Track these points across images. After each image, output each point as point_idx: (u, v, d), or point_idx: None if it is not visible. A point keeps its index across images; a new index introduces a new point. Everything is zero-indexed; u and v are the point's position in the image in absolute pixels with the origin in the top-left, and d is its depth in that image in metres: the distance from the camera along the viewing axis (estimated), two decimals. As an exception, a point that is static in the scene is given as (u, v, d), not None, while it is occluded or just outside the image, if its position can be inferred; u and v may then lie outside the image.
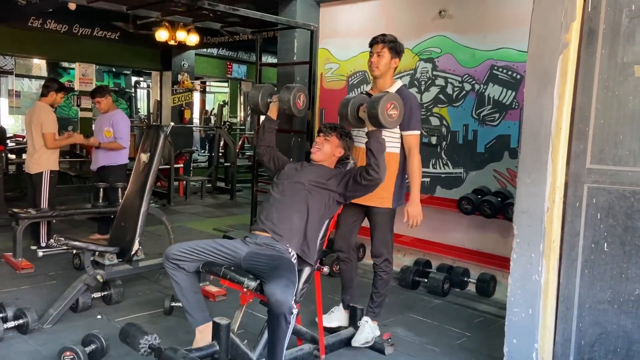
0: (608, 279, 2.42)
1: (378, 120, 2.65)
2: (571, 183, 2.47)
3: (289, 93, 2.99)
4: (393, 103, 2.67)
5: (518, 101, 4.05)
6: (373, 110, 2.64)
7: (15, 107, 11.21)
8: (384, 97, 2.65)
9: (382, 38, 3.07)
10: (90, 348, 2.78)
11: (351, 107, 2.79)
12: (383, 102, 2.63)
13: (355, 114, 2.78)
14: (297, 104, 3.01)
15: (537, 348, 2.53)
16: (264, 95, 3.13)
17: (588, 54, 2.41)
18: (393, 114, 2.67)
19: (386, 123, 2.66)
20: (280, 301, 2.30)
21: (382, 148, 2.72)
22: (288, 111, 3.01)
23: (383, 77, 3.09)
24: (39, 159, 4.92)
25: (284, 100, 2.99)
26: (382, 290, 3.19)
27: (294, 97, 2.98)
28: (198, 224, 6.70)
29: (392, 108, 2.66)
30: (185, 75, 10.45)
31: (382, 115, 2.63)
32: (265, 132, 3.12)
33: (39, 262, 4.34)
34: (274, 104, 3.09)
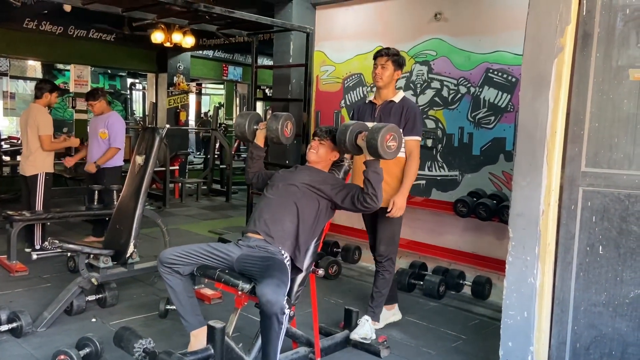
0: (603, 282, 2.42)
1: (377, 151, 2.63)
2: (566, 186, 2.47)
3: (277, 122, 2.97)
4: (393, 134, 2.65)
5: (513, 104, 4.06)
6: (372, 141, 2.63)
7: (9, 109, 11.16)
8: (384, 128, 2.63)
9: (386, 51, 3.31)
10: (85, 351, 2.77)
11: (350, 134, 2.77)
12: (383, 133, 2.61)
13: (354, 141, 2.77)
14: (285, 132, 2.99)
15: (532, 351, 2.53)
16: (251, 123, 3.10)
17: (583, 57, 2.42)
18: (392, 145, 2.66)
19: (385, 154, 2.65)
20: (271, 301, 2.29)
21: (380, 178, 2.72)
22: (276, 140, 3.00)
23: (387, 87, 3.31)
24: (34, 161, 4.90)
25: (272, 129, 2.98)
26: (383, 290, 3.29)
27: (281, 126, 2.96)
28: (193, 226, 6.68)
29: (391, 139, 2.65)
30: (180, 77, 10.43)
31: (382, 146, 2.62)
32: (254, 160, 3.12)
33: (33, 265, 4.32)
34: (260, 131, 3.08)
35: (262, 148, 3.12)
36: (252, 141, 3.12)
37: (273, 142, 3.04)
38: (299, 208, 2.76)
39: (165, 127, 3.86)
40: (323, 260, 4.58)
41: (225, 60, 11.86)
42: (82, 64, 9.16)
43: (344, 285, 4.46)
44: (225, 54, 11.61)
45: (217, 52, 11.37)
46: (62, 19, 8.36)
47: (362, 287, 4.42)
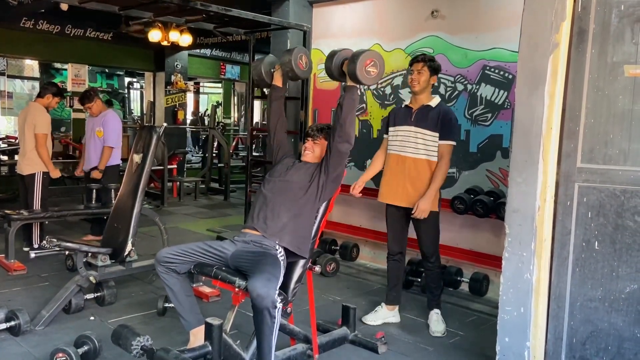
0: (599, 277, 2.43)
1: (356, 76, 2.62)
2: (562, 182, 2.48)
3: (289, 54, 2.95)
4: (373, 60, 2.64)
5: (510, 101, 4.07)
6: (352, 65, 2.62)
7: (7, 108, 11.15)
8: (365, 53, 2.63)
9: (422, 57, 3.42)
10: (83, 349, 2.77)
11: (336, 60, 2.78)
12: (362, 58, 2.61)
13: (339, 67, 2.77)
14: (300, 65, 2.95)
15: (529, 346, 2.54)
16: (267, 65, 3.10)
17: (578, 53, 2.43)
18: (372, 71, 2.65)
19: (363, 79, 2.64)
20: (261, 295, 2.30)
21: (353, 105, 2.72)
22: (291, 73, 2.96)
23: (422, 92, 3.41)
24: (31, 160, 4.89)
25: (285, 62, 2.95)
26: (438, 282, 3.56)
27: (295, 57, 2.93)
28: (192, 224, 6.68)
29: (371, 65, 2.64)
30: (178, 76, 10.42)
31: (360, 70, 2.61)
32: (273, 101, 3.08)
33: (31, 264, 4.32)
34: (277, 71, 3.05)
35: (281, 88, 3.09)
36: (271, 84, 3.10)
37: (289, 76, 3.01)
38: (296, 203, 2.76)
39: (162, 126, 3.86)
40: (321, 258, 4.59)
41: (222, 58, 11.85)
42: (79, 63, 9.14)
43: (342, 282, 4.47)
44: (222, 53, 11.60)
45: (215, 51, 11.36)
46: (59, 18, 8.34)
47: (360, 284, 4.43)
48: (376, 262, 4.96)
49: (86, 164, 5.38)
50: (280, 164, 3.00)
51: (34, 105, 4.98)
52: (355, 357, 3.05)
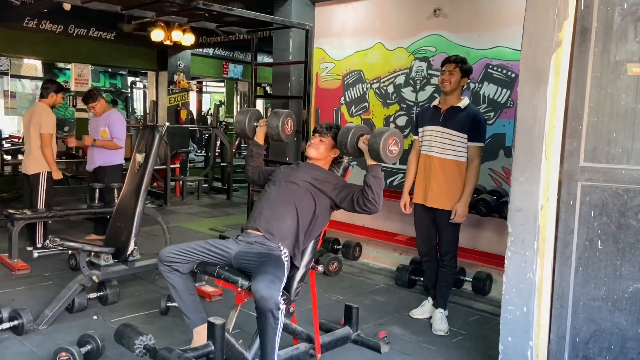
0: (602, 277, 2.42)
1: (379, 155, 2.62)
2: (565, 181, 2.47)
3: (277, 119, 2.94)
4: (395, 139, 2.64)
5: (513, 100, 4.06)
6: (375, 145, 2.62)
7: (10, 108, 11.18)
8: (387, 133, 2.62)
9: (454, 58, 3.43)
10: (86, 349, 2.78)
11: (351, 137, 2.75)
12: (385, 138, 2.60)
13: (355, 144, 2.76)
14: (285, 129, 2.98)
15: (531, 346, 2.54)
16: (251, 119, 3.08)
17: (581, 52, 2.42)
18: (394, 149, 2.65)
19: (386, 159, 2.64)
20: (265, 297, 2.30)
21: (380, 184, 2.71)
22: (276, 137, 2.98)
23: (452, 93, 3.42)
24: (36, 160, 4.91)
25: (273, 126, 2.95)
26: (450, 282, 3.55)
27: (282, 123, 2.95)
28: (194, 224, 6.69)
29: (393, 144, 2.63)
30: (181, 75, 10.43)
31: (384, 151, 2.61)
32: (254, 158, 3.10)
33: (34, 263, 4.34)
34: (260, 128, 3.06)
35: (262, 145, 3.11)
36: (252, 138, 3.11)
37: (273, 139, 3.02)
38: (299, 206, 2.76)
39: (165, 125, 3.86)
40: (324, 257, 4.59)
41: (225, 58, 11.85)
42: (82, 62, 9.16)
43: (345, 281, 4.47)
44: (225, 52, 11.60)
45: (217, 50, 11.36)
46: (62, 18, 8.36)
47: (362, 283, 4.43)
48: (379, 262, 4.95)
49: (89, 164, 5.40)
50: (280, 169, 3.02)
51: (39, 105, 4.99)
52: (357, 356, 3.05)
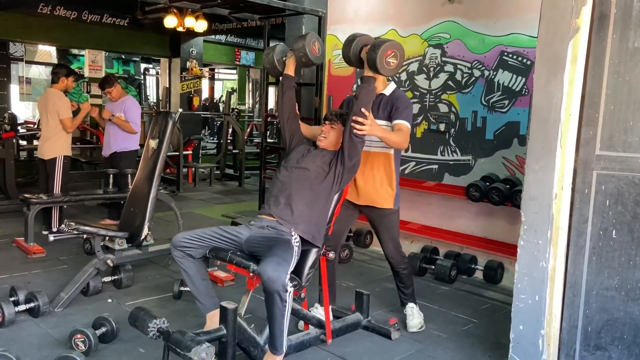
0: (616, 266, 2.41)
1: (375, 65, 2.59)
2: (580, 170, 2.45)
3: (303, 40, 2.91)
4: (394, 51, 2.61)
5: (528, 87, 4.01)
6: (372, 54, 2.58)
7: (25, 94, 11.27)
8: (387, 43, 2.59)
9: None
10: (101, 331, 2.83)
11: (354, 46, 2.74)
12: (384, 48, 2.57)
13: (358, 53, 2.73)
14: (313, 50, 2.92)
15: (543, 334, 2.53)
16: (279, 53, 3.06)
17: (599, 39, 2.38)
18: (392, 62, 2.61)
19: (382, 70, 2.61)
20: (272, 279, 2.32)
21: (370, 97, 2.68)
22: (305, 59, 2.91)
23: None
24: (52, 145, 4.98)
25: (299, 47, 2.91)
26: (409, 282, 3.32)
27: (308, 43, 2.90)
28: (207, 210, 6.74)
29: (391, 56, 2.60)
30: (193, 62, 10.43)
31: (381, 60, 2.58)
32: (285, 90, 3.02)
33: (50, 247, 4.40)
34: (289, 59, 3.01)
35: (293, 77, 3.03)
36: (282, 72, 3.06)
37: (302, 62, 2.95)
38: (310, 191, 2.77)
39: (178, 112, 3.88)
40: (335, 244, 4.60)
41: (237, 45, 11.83)
42: (96, 49, 9.20)
43: (355, 268, 4.48)
44: (237, 39, 11.58)
45: (230, 37, 11.34)
46: (76, 4, 8.39)
47: (373, 270, 4.44)
48: (390, 249, 4.95)
49: (105, 149, 5.45)
50: (295, 151, 2.99)
51: (51, 91, 5.04)
52: (368, 342, 3.06)
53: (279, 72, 3.09)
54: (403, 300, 3.34)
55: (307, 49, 2.89)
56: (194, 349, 2.21)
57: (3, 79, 10.66)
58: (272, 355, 2.49)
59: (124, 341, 2.92)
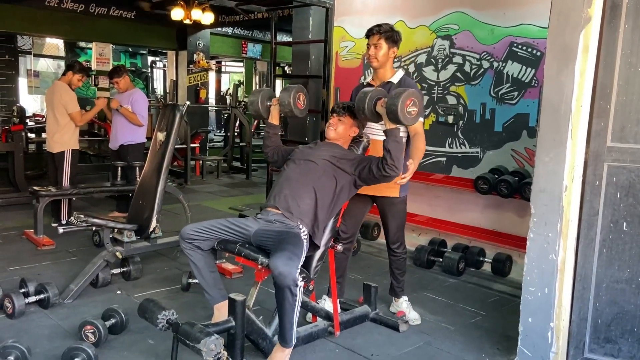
0: (627, 259, 2.39)
1: (397, 117, 2.58)
2: (591, 161, 2.43)
3: (288, 95, 2.92)
4: (413, 100, 2.59)
5: (538, 79, 3.97)
6: (392, 107, 2.57)
7: (34, 87, 11.33)
8: (405, 93, 2.58)
9: (377, 29, 3.05)
10: (110, 322, 2.85)
11: (369, 101, 2.71)
12: (404, 99, 2.56)
13: (373, 108, 2.71)
14: (298, 104, 2.94)
15: (552, 327, 2.52)
16: (264, 99, 3.06)
17: (611, 29, 2.35)
18: (412, 111, 2.60)
19: (405, 120, 2.60)
20: (283, 273, 2.32)
21: (400, 147, 2.68)
22: (290, 113, 2.95)
23: (383, 67, 3.08)
24: (60, 138, 5.00)
25: (284, 103, 2.93)
26: (404, 268, 3.32)
27: (293, 98, 2.91)
28: (214, 202, 6.75)
29: (411, 105, 2.59)
30: (200, 55, 10.42)
31: (402, 112, 2.56)
32: (271, 137, 3.09)
33: (59, 239, 4.43)
34: (274, 107, 3.03)
35: (277, 126, 3.09)
36: (267, 118, 3.09)
37: (287, 115, 2.99)
38: (317, 185, 2.76)
39: (185, 104, 3.88)
40: (342, 237, 4.60)
41: (244, 37, 11.80)
42: (103, 41, 9.21)
43: (363, 261, 4.48)
44: (244, 31, 11.55)
45: (237, 29, 11.31)
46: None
47: (380, 263, 4.44)
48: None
49: (113, 142, 5.47)
50: (299, 148, 3.01)
51: (58, 84, 5.06)
52: (376, 334, 3.07)
53: (263, 117, 3.12)
54: (397, 289, 3.32)
55: (292, 105, 2.91)
56: (203, 340, 2.22)
57: (11, 72, 10.73)
58: (281, 348, 2.50)
59: (133, 332, 2.94)
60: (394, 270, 3.32)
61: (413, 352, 2.91)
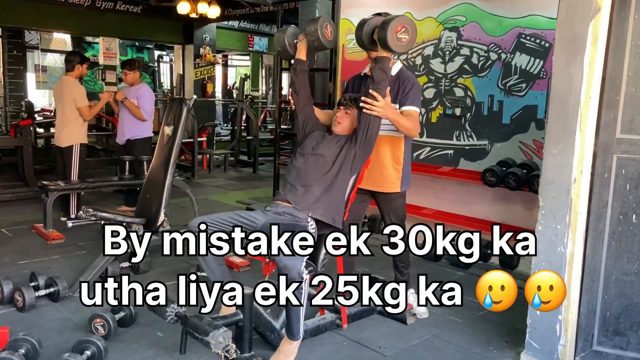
0: (636, 251, 2.38)
1: (387, 43, 2.52)
2: (600, 153, 2.41)
3: (315, 24, 2.85)
4: (405, 26, 2.54)
5: (546, 70, 3.94)
6: (382, 31, 2.52)
7: (42, 82, 11.38)
8: (396, 19, 2.53)
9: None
10: (120, 315, 2.88)
11: (366, 28, 2.68)
12: (393, 24, 2.51)
13: (370, 35, 2.67)
14: (326, 34, 2.87)
15: (560, 319, 2.52)
16: (290, 36, 3.00)
17: (620, 19, 2.32)
18: (403, 37, 2.54)
19: (395, 47, 2.54)
20: (288, 266, 2.32)
21: (384, 76, 2.64)
22: (317, 43, 2.86)
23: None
24: (69, 133, 5.03)
25: (311, 32, 2.85)
26: (407, 261, 3.28)
27: (321, 26, 2.84)
28: (221, 196, 6.77)
29: (402, 31, 2.53)
30: (207, 49, 10.42)
31: (391, 37, 2.51)
32: (298, 75, 2.98)
33: (68, 233, 4.47)
34: (301, 43, 2.95)
35: (304, 61, 2.99)
36: (294, 56, 3.02)
37: (315, 46, 2.90)
38: (326, 177, 2.76)
39: (192, 98, 3.88)
40: (350, 230, 4.60)
41: (250, 30, 11.78)
42: (110, 36, 9.23)
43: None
44: (250, 25, 11.53)
45: (243, 23, 11.29)
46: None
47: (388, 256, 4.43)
48: (405, 235, 4.94)
49: (120, 137, 5.49)
50: (309, 137, 2.97)
51: (67, 79, 5.07)
52: (384, 327, 3.07)
53: (290, 55, 3.04)
54: (400, 283, 3.23)
55: (319, 33, 2.83)
56: (212, 333, 2.24)
57: (19, 67, 10.78)
58: (289, 341, 2.51)
59: (142, 325, 2.96)
60: (397, 263, 3.30)
61: (420, 345, 2.92)
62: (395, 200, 3.14)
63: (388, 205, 3.15)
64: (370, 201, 3.28)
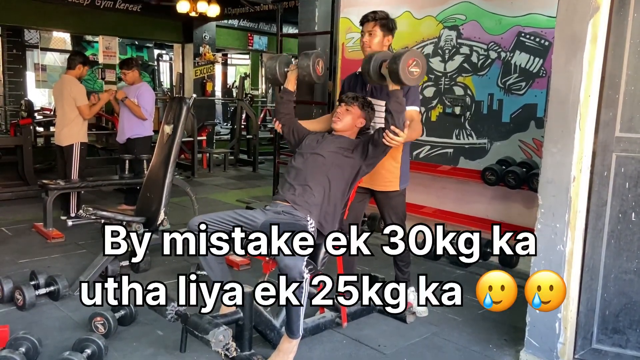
0: (635, 249, 2.38)
1: (398, 77, 2.54)
2: (599, 152, 2.41)
3: (308, 59, 2.88)
4: (416, 60, 2.56)
5: (546, 69, 3.94)
6: (394, 66, 2.54)
7: (41, 81, 11.38)
8: (407, 53, 2.55)
9: (372, 15, 2.98)
10: (120, 314, 2.88)
11: (374, 62, 2.69)
12: (405, 58, 2.53)
13: (378, 70, 2.68)
14: (317, 70, 2.91)
15: (560, 318, 2.52)
16: (281, 64, 3.03)
17: (620, 17, 2.32)
18: (415, 71, 2.56)
19: (407, 80, 2.57)
20: (288, 266, 2.33)
21: (401, 109, 2.65)
22: (308, 78, 2.90)
23: None
24: (69, 132, 5.03)
25: (303, 66, 2.89)
26: (408, 260, 3.27)
27: (313, 63, 2.88)
28: (221, 195, 6.78)
29: (414, 65, 2.55)
30: (206, 48, 10.43)
31: (403, 71, 2.53)
32: (284, 104, 3.04)
33: (68, 232, 4.47)
34: (291, 73, 2.99)
35: (292, 92, 3.02)
36: (283, 84, 3.04)
37: (305, 80, 2.94)
38: (324, 178, 2.76)
39: (192, 97, 3.88)
40: (349, 229, 4.60)
41: (250, 29, 11.79)
42: (109, 35, 9.23)
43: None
44: (250, 23, 11.54)
45: (242, 22, 11.30)
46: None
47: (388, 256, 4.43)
48: (404, 233, 4.95)
49: (120, 135, 5.50)
50: (308, 138, 2.98)
51: (67, 78, 5.08)
52: (383, 326, 3.08)
53: (279, 83, 3.07)
54: (400, 282, 3.24)
55: (311, 69, 2.87)
56: (212, 331, 2.24)
57: (19, 66, 10.78)
58: (289, 339, 2.51)
59: (142, 324, 2.97)
60: (397, 262, 3.29)
61: (420, 343, 2.92)
62: (394, 198, 3.14)
63: (388, 203, 3.16)
64: (369, 200, 3.28)
